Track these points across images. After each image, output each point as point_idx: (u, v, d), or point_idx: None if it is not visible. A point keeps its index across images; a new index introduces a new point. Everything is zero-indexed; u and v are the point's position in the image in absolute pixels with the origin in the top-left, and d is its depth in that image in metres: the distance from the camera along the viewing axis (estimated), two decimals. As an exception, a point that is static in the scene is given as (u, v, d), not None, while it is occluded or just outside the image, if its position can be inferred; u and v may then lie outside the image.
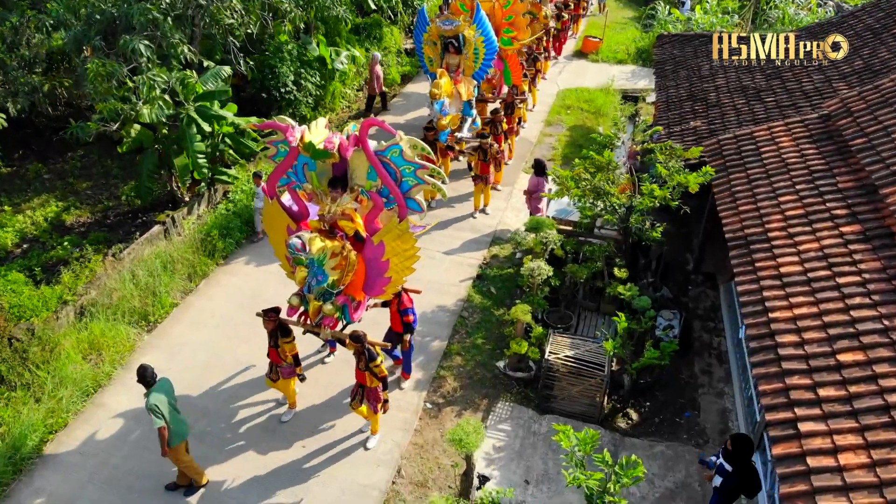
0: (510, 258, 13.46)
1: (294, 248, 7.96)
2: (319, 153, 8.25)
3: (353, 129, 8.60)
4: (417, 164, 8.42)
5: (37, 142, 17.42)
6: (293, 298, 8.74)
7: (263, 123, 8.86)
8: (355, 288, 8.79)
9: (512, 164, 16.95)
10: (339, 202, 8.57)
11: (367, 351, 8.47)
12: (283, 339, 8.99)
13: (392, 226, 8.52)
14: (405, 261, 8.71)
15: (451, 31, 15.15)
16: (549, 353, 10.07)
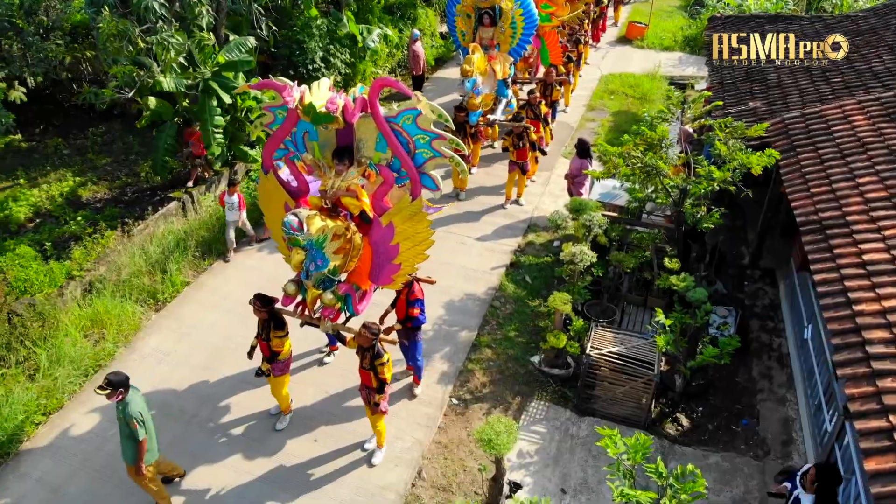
0: (547, 246, 12.42)
1: (289, 227, 6.84)
2: (320, 117, 7.05)
3: (360, 91, 7.26)
4: (434, 134, 7.23)
5: (58, 117, 16.91)
6: (289, 286, 7.61)
7: (259, 83, 7.58)
8: (360, 275, 7.73)
9: (550, 148, 15.90)
10: (344, 176, 7.44)
11: (375, 347, 7.42)
12: (275, 331, 7.90)
13: (403, 205, 7.38)
14: (417, 245, 7.52)
15: (487, 2, 13.94)
16: (590, 349, 9.01)
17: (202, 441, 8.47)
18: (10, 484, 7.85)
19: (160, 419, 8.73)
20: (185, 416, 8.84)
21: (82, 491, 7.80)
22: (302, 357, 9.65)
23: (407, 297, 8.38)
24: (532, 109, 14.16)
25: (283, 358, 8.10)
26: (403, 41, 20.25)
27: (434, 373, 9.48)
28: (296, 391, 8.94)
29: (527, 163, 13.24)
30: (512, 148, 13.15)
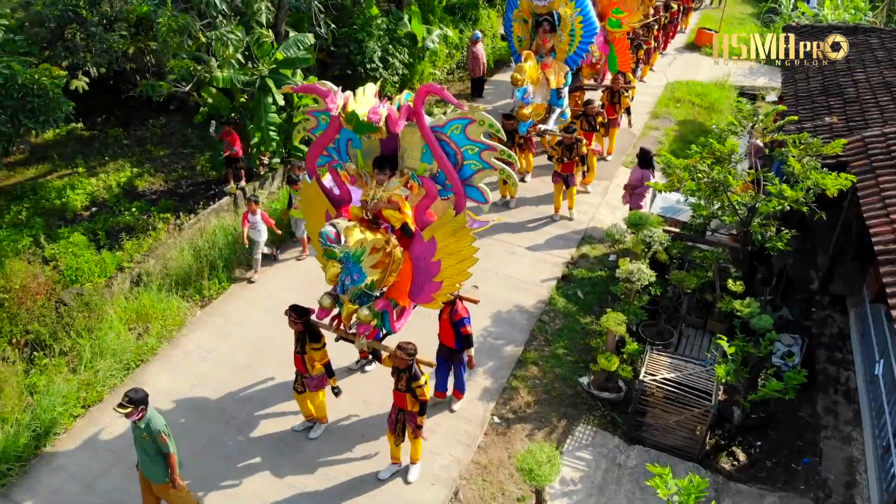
0: (602, 260, 11.91)
1: (326, 239, 6.55)
2: (363, 126, 6.75)
3: (406, 99, 6.96)
4: (484, 145, 6.84)
5: (120, 107, 17.14)
6: (324, 298, 7.26)
7: (301, 86, 7.36)
8: (399, 291, 7.32)
9: (611, 157, 15.34)
10: (386, 187, 7.08)
11: (412, 368, 7.07)
12: (311, 344, 7.63)
13: (446, 219, 6.97)
14: (460, 263, 7.08)
15: (545, 8, 13.39)
16: (644, 374, 8.50)
17: (237, 444, 8.30)
18: (43, 476, 7.82)
19: (198, 419, 8.64)
20: (224, 416, 8.69)
21: (114, 488, 7.70)
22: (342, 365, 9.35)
23: (451, 317, 7.98)
24: (588, 120, 13.58)
25: (317, 373, 7.84)
26: (464, 42, 19.94)
27: (476, 388, 9.10)
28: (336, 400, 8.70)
29: (572, 176, 12.63)
30: (556, 160, 12.56)
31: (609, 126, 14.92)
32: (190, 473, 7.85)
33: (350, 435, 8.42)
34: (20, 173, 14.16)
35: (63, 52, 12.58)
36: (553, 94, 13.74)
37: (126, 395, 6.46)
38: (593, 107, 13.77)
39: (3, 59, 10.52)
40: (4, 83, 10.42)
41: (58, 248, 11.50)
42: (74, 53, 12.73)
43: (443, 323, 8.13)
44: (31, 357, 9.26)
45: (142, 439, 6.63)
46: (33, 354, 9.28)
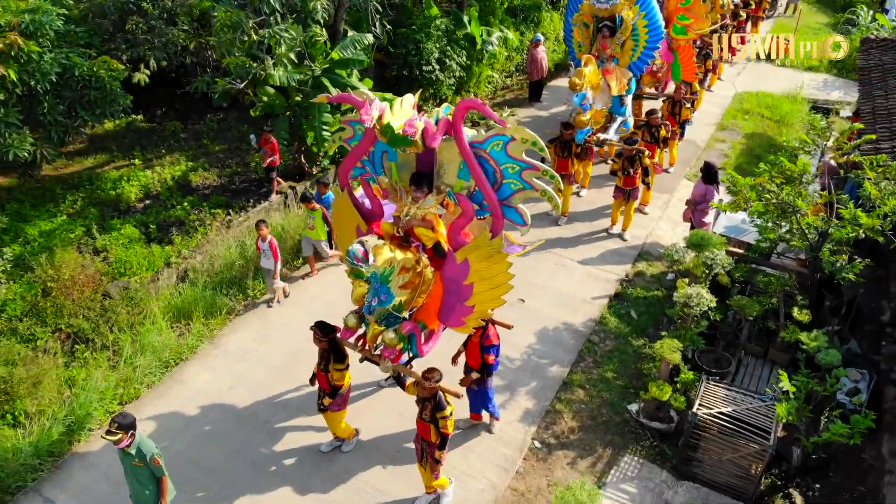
0: (659, 279, 11.33)
1: (353, 257, 6.19)
2: (398, 139, 6.37)
3: (444, 112, 6.62)
4: (525, 164, 6.47)
5: (180, 101, 17.30)
6: (350, 318, 7.06)
7: (337, 96, 7.08)
8: (428, 313, 6.97)
9: (673, 169, 14.69)
10: (420, 204, 6.74)
11: (437, 398, 6.71)
12: (335, 364, 7.33)
13: (481, 242, 6.57)
14: (493, 289, 6.64)
15: (608, 11, 12.75)
16: (698, 406, 7.97)
17: (268, 451, 8.12)
18: (75, 472, 7.78)
19: (232, 421, 8.50)
20: (257, 421, 8.53)
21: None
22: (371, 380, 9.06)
23: (480, 341, 7.59)
24: (650, 131, 12.99)
25: (342, 391, 7.55)
26: (524, 45, 19.50)
27: (516, 409, 8.71)
28: (369, 412, 8.47)
29: (635, 190, 12.05)
30: (620, 173, 11.96)
31: (669, 138, 14.26)
32: (219, 477, 7.76)
33: (384, 448, 8.15)
34: (78, 163, 14.37)
35: (123, 44, 12.66)
36: (615, 101, 13.16)
37: (114, 420, 6.15)
38: (656, 117, 13.16)
39: (63, 50, 10.60)
40: (63, 74, 10.49)
41: (109, 239, 11.60)
42: (135, 46, 12.79)
43: (471, 345, 7.75)
44: (72, 349, 9.28)
45: (133, 467, 6.36)
46: (75, 347, 9.30)
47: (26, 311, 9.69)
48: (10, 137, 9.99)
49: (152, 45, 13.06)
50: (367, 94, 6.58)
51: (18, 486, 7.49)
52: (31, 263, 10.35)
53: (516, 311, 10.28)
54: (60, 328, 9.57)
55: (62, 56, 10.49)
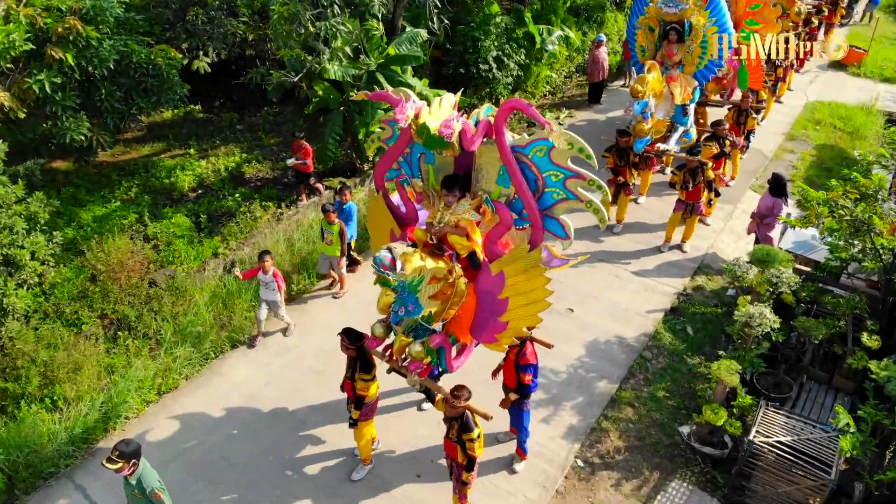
0: (719, 294, 10.74)
1: (380, 265, 5.78)
2: (433, 140, 5.92)
3: (486, 113, 6.17)
4: (570, 172, 5.96)
5: (238, 92, 17.40)
6: (377, 327, 6.69)
7: (375, 94, 6.64)
8: (460, 326, 6.54)
9: (735, 182, 13.97)
10: (454, 209, 6.30)
11: (464, 418, 6.28)
12: (361, 373, 6.94)
13: (518, 254, 6.10)
14: (529, 305, 6.15)
15: (675, 16, 12.06)
16: (755, 433, 7.45)
17: (299, 452, 7.92)
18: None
19: (266, 419, 8.35)
20: (292, 420, 8.35)
21: (172, 482, 7.43)
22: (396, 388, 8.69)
23: (517, 360, 7.07)
24: (718, 142, 12.25)
25: (367, 401, 7.16)
26: (586, 45, 18.99)
27: (560, 425, 8.30)
28: (402, 417, 8.20)
29: (698, 204, 11.32)
30: (680, 186, 11.28)
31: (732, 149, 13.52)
32: (249, 475, 7.63)
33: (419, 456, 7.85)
34: (135, 150, 14.56)
35: (183, 34, 12.72)
36: (678, 110, 12.47)
37: (116, 447, 5.80)
38: (723, 128, 12.38)
39: (122, 38, 10.66)
40: (121, 61, 10.54)
41: (160, 227, 11.66)
42: (194, 36, 12.85)
43: (507, 362, 7.26)
44: (115, 336, 9.28)
45: (133, 497, 6.03)
46: (117, 334, 9.29)
47: (74, 296, 9.75)
48: (66, 121, 10.09)
49: (211, 36, 13.10)
50: (406, 91, 6.19)
51: (51, 472, 7.47)
52: (82, 248, 10.44)
53: (564, 320, 9.89)
54: (106, 314, 9.60)
55: (121, 43, 10.55)
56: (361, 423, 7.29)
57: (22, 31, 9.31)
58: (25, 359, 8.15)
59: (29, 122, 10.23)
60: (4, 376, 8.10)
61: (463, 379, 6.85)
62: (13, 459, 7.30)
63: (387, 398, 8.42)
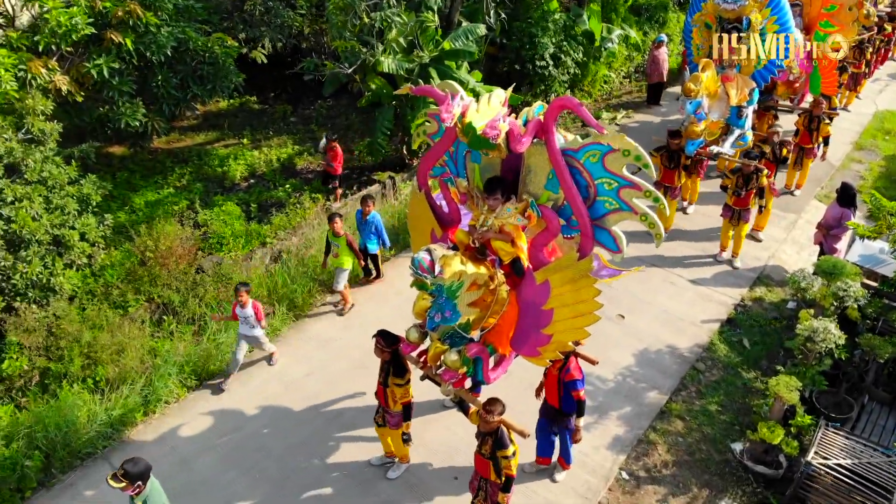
0: (778, 306, 10.22)
1: (418, 267, 5.46)
2: (478, 141, 5.50)
3: (536, 112, 5.75)
4: (624, 181, 5.49)
5: (293, 85, 17.50)
6: (412, 332, 6.35)
7: (420, 88, 6.26)
8: (499, 336, 6.17)
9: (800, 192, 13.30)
10: (499, 213, 5.92)
11: (499, 433, 5.91)
12: (394, 378, 6.68)
13: (566, 263, 5.70)
14: (576, 318, 5.72)
15: (734, 13, 11.35)
16: (813, 454, 7.02)
17: (336, 445, 7.78)
18: (145, 444, 7.72)
19: (304, 410, 8.24)
20: (331, 413, 8.23)
21: (208, 468, 7.46)
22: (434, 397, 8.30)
23: (560, 376, 6.68)
24: (772, 148, 11.61)
25: (398, 410, 6.88)
26: (646, 45, 18.50)
27: (605, 435, 7.96)
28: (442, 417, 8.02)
29: (747, 212, 10.67)
30: (731, 191, 10.68)
31: (803, 156, 12.85)
32: (285, 465, 7.53)
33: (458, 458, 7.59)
34: (190, 138, 14.73)
35: (240, 23, 12.80)
36: (733, 112, 11.78)
37: (122, 466, 5.43)
38: (776, 132, 11.73)
39: (180, 25, 10.74)
40: (178, 47, 10.61)
41: (210, 214, 11.71)
42: (251, 26, 12.91)
43: (549, 378, 6.86)
44: (159, 320, 9.32)
45: None
46: (162, 318, 9.33)
47: (122, 278, 9.84)
48: (122, 106, 10.21)
49: (268, 26, 13.15)
50: (453, 86, 5.82)
51: (88, 453, 7.50)
52: (133, 232, 10.54)
53: (614, 326, 9.54)
54: (152, 298, 9.66)
55: (178, 30, 10.63)
56: (394, 431, 7.06)
57: (83, 14, 9.43)
58: (69, 339, 8.21)
59: (86, 106, 10.39)
60: (48, 355, 8.18)
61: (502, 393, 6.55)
62: (51, 437, 7.35)
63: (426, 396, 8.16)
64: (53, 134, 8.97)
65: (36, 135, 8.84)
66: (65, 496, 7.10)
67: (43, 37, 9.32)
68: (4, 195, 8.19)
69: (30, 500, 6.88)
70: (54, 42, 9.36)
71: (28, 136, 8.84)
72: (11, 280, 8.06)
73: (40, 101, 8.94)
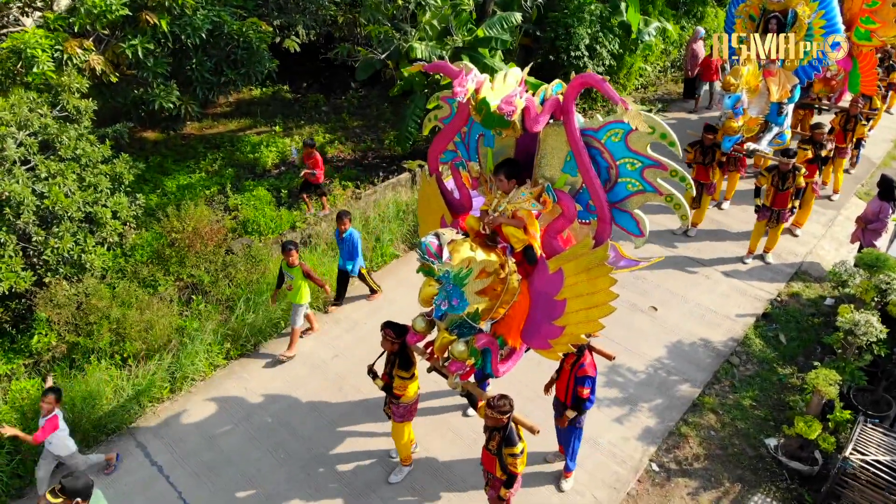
0: (816, 303, 9.93)
1: (426, 251, 5.21)
2: (493, 119, 5.20)
3: (554, 91, 5.39)
4: (649, 160, 5.18)
5: (325, 74, 17.52)
6: (418, 321, 6.12)
7: (433, 65, 5.89)
8: (509, 328, 5.92)
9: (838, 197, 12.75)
10: (511, 197, 5.64)
11: (507, 430, 5.65)
12: (399, 370, 6.42)
13: (580, 250, 5.36)
14: (590, 309, 5.43)
15: (780, 5, 11.03)
16: (851, 451, 6.77)
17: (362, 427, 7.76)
18: (171, 421, 7.76)
19: (331, 391, 8.23)
20: (357, 395, 8.20)
21: (233, 448, 7.45)
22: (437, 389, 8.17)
23: (574, 371, 6.37)
24: (814, 147, 11.12)
25: (405, 402, 6.60)
26: (683, 39, 18.18)
27: (635, 426, 7.79)
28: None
29: (784, 212, 10.25)
30: (769, 189, 10.16)
31: (835, 157, 12.21)
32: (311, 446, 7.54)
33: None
34: (223, 124, 14.80)
35: (275, 10, 12.79)
36: (773, 108, 11.45)
37: (61, 481, 5.07)
38: (822, 132, 11.19)
39: (216, 8, 10.76)
40: (212, 31, 10.64)
41: (241, 199, 11.73)
42: (286, 13, 12.90)
43: (563, 372, 6.55)
44: (188, 300, 9.35)
45: None
46: (191, 297, 9.35)
47: (153, 258, 9.90)
48: (157, 88, 10.25)
49: (302, 12, 13.13)
50: (467, 64, 5.52)
51: (114, 428, 7.55)
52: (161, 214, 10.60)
53: (647, 319, 9.36)
54: (181, 277, 9.69)
55: (214, 13, 10.64)
56: (398, 425, 6.80)
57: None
58: (98, 315, 8.26)
59: (120, 87, 10.44)
60: (77, 331, 8.23)
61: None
62: (77, 411, 7.39)
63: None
64: (88, 111, 9.04)
65: (71, 112, 8.91)
66: (89, 471, 7.11)
67: (79, 18, 9.40)
68: (38, 171, 8.27)
69: (54, 472, 6.90)
70: (89, 23, 9.43)
71: (63, 113, 8.92)
72: (43, 255, 8.13)
73: (76, 79, 9.02)
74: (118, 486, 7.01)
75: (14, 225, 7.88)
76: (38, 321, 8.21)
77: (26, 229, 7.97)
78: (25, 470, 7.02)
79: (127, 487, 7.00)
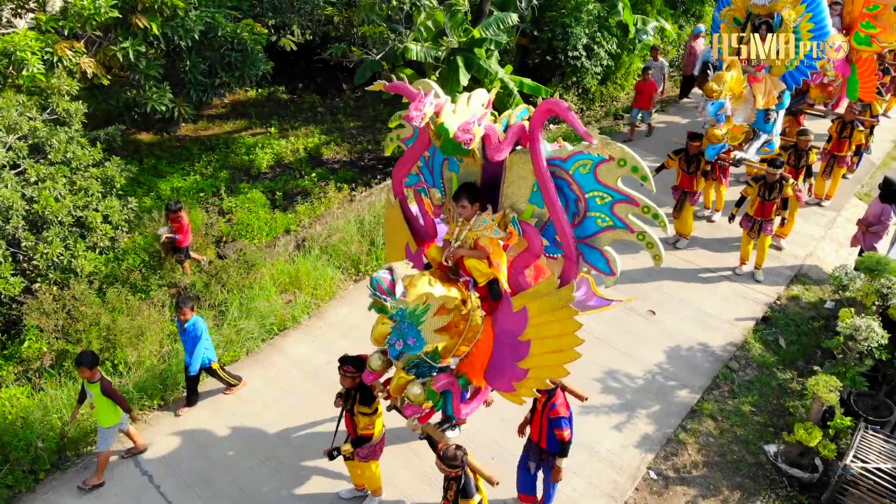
0: (816, 306, 9.82)
1: (377, 287, 4.88)
2: (451, 146, 4.85)
3: (519, 117, 5.05)
4: (619, 195, 4.83)
5: (321, 75, 17.41)
6: (374, 359, 5.74)
7: (391, 85, 5.43)
8: (473, 366, 5.55)
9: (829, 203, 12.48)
10: (473, 224, 5.21)
11: (464, 479, 5.27)
12: (360, 406, 6.04)
13: (545, 289, 5.03)
14: (556, 352, 5.09)
15: (765, 8, 10.53)
16: (852, 459, 6.68)
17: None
18: (162, 428, 7.65)
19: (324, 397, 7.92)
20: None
21: (223, 453, 7.36)
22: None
23: (546, 412, 5.92)
24: (795, 152, 10.84)
25: (373, 442, 6.25)
26: (682, 39, 18.08)
27: (633, 433, 7.68)
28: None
29: (769, 222, 9.98)
30: (754, 199, 9.88)
31: (834, 165, 12.02)
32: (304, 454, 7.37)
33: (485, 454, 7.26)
34: (217, 126, 14.70)
35: (270, 10, 12.68)
36: (759, 115, 11.00)
37: None
38: (807, 139, 10.89)
39: (209, 9, 10.65)
40: (206, 33, 10.52)
41: (236, 202, 11.65)
42: (281, 13, 12.80)
43: (535, 414, 6.12)
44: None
45: None
46: (183, 303, 9.24)
47: (145, 263, 9.79)
48: (149, 90, 10.14)
49: (298, 14, 13.02)
50: (427, 84, 5.22)
51: (104, 436, 7.44)
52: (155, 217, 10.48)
53: (644, 323, 9.26)
54: (174, 283, 9.58)
55: (207, 14, 10.53)
56: (363, 464, 6.43)
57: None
58: (87, 321, 8.14)
59: (113, 91, 10.33)
60: (66, 337, 8.11)
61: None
62: (66, 419, 7.28)
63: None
64: (78, 114, 8.94)
65: (61, 115, 8.81)
66: (78, 479, 7.01)
67: (69, 20, 9.29)
68: (28, 175, 8.16)
69: (43, 482, 6.81)
70: (79, 25, 9.32)
71: (53, 116, 8.81)
72: (33, 261, 8.02)
73: (66, 81, 8.91)
74: (106, 497, 6.89)
75: (3, 230, 7.77)
76: (28, 329, 8.10)
77: (15, 234, 7.86)
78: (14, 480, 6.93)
79: (116, 498, 6.88)
